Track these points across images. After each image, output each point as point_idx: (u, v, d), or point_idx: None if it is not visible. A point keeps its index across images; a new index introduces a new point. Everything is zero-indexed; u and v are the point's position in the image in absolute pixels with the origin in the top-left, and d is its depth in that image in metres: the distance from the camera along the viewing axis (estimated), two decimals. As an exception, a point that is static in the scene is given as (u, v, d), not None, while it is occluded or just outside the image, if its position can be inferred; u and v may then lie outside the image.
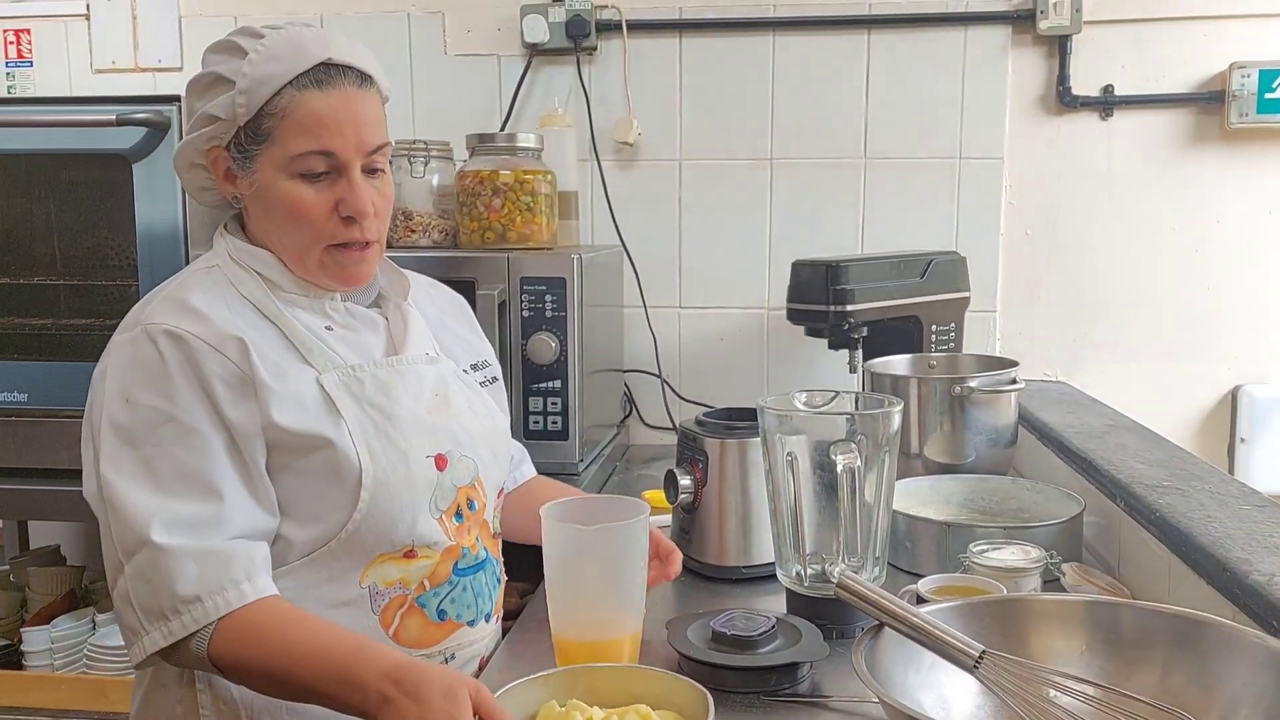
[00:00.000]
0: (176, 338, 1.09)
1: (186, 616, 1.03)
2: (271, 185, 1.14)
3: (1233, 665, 0.91)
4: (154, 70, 2.43)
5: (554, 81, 2.29)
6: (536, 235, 1.89)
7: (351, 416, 1.14)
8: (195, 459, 1.07)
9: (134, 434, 1.07)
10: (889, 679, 0.92)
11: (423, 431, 1.20)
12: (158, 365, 1.08)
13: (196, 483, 1.06)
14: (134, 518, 1.04)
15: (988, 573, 1.29)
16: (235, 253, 1.20)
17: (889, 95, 2.23)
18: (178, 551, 1.03)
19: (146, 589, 1.03)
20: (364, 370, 1.18)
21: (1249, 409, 2.20)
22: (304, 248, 1.17)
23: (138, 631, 1.04)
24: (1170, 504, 1.28)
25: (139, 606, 1.04)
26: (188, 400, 1.07)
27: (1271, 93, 2.11)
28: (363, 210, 1.15)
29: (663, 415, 2.32)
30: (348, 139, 1.13)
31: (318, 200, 1.14)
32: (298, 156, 1.13)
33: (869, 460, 1.28)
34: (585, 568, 1.13)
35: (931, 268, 2.00)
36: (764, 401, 1.33)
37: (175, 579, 1.02)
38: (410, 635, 1.18)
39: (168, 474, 1.06)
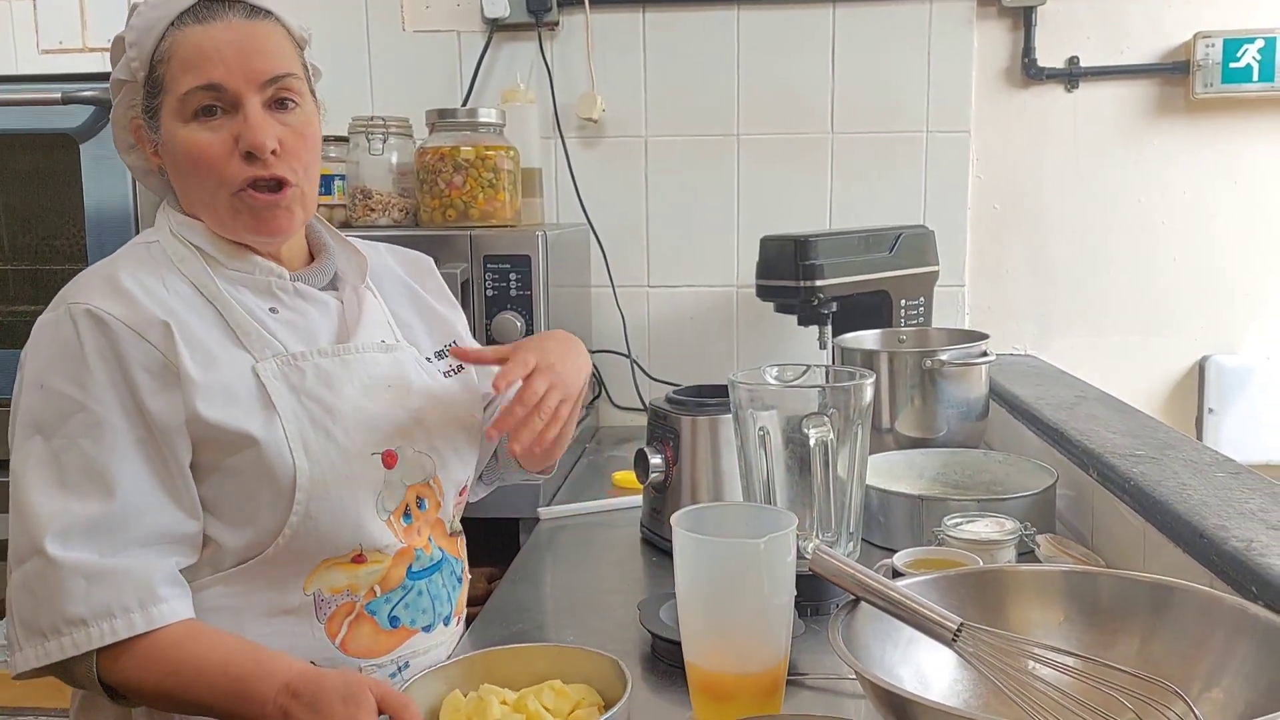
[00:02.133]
0: (97, 319, 1.01)
1: (67, 640, 0.95)
2: (171, 135, 1.07)
3: (1213, 632, 0.90)
4: (103, 50, 2.36)
5: (515, 57, 2.24)
6: (500, 213, 1.85)
7: (287, 409, 1.06)
8: (103, 453, 0.99)
9: (44, 423, 1.00)
10: (866, 654, 0.90)
11: (368, 426, 1.10)
12: (75, 350, 1.00)
13: (100, 480, 0.99)
14: (30, 521, 0.97)
15: (962, 545, 1.28)
16: (175, 226, 1.12)
17: (855, 69, 2.20)
18: (69, 567, 0.95)
19: (29, 602, 0.96)
20: (306, 359, 1.09)
21: (1216, 379, 2.21)
22: (210, 195, 1.08)
23: (15, 645, 0.98)
24: (1144, 473, 1.27)
25: (19, 619, 0.97)
26: (102, 389, 1.00)
27: (1236, 62, 2.11)
28: (258, 143, 1.04)
29: (632, 396, 2.29)
30: (233, 69, 1.04)
31: (214, 140, 1.05)
32: (185, 95, 1.04)
33: (841, 434, 1.26)
34: (751, 586, 0.93)
35: (900, 242, 1.99)
36: (735, 376, 1.31)
37: (62, 597, 0.95)
38: (360, 645, 1.10)
39: (73, 469, 0.98)
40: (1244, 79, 2.12)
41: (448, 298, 1.34)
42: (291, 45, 1.11)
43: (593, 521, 1.67)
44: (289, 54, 1.10)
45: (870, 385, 1.28)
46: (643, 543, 1.56)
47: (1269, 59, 2.10)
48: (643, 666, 1.15)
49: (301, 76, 1.11)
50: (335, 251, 1.21)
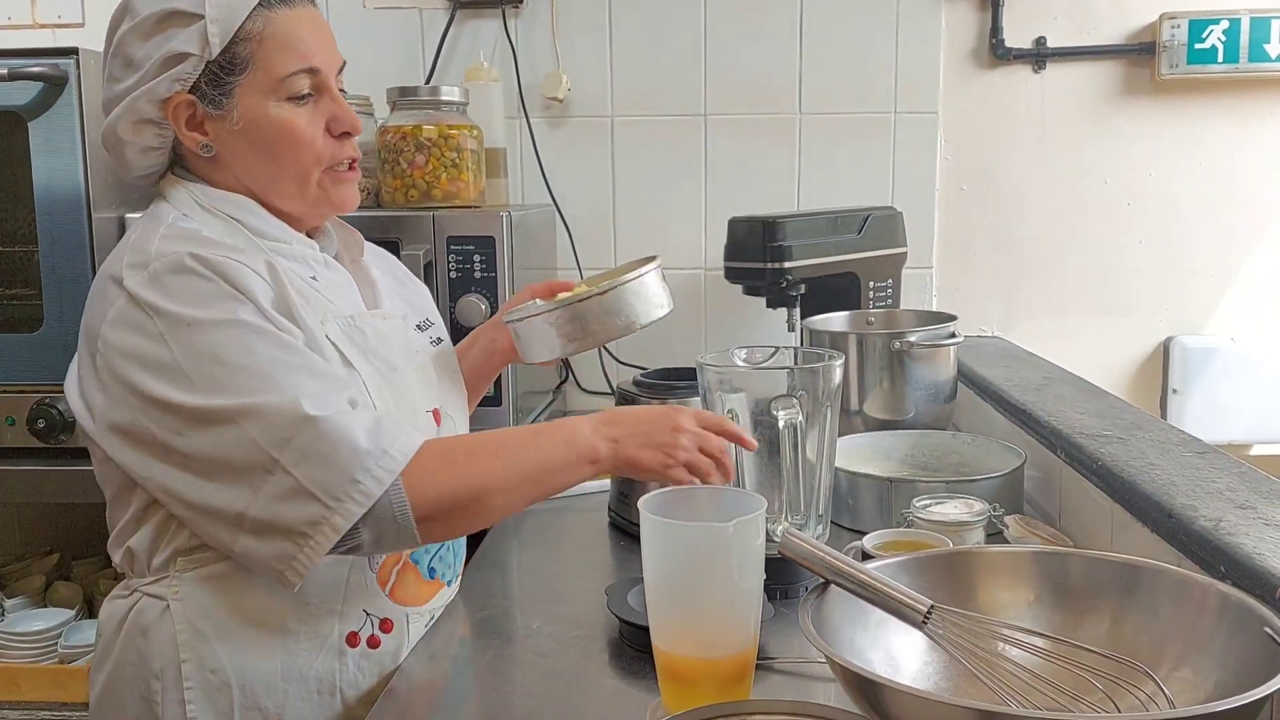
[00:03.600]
0: (205, 259, 1.01)
1: (377, 469, 0.97)
2: (261, 115, 1.07)
3: (1182, 611, 0.90)
4: (54, 26, 2.30)
5: (479, 35, 2.20)
6: (463, 193, 1.82)
7: (362, 368, 1.09)
8: (297, 357, 1.00)
9: (216, 352, 0.98)
10: (836, 638, 0.89)
11: (420, 385, 1.17)
12: (202, 287, 1.00)
13: (311, 373, 1.00)
14: (273, 408, 0.96)
15: (931, 527, 1.27)
16: (207, 201, 1.10)
17: (823, 49, 2.19)
18: (341, 415, 0.97)
19: (319, 464, 0.96)
20: (361, 320, 1.13)
21: (1181, 360, 2.22)
22: (303, 174, 1.11)
23: (318, 519, 0.96)
24: (1112, 453, 1.27)
25: (316, 488, 0.96)
26: (252, 309, 1.01)
27: (1201, 43, 2.12)
28: (356, 124, 1.12)
29: (600, 379, 2.27)
30: (324, 56, 1.10)
31: (311, 121, 1.10)
32: (286, 78, 1.07)
33: (810, 417, 1.25)
34: (720, 571, 0.91)
35: (868, 223, 1.98)
36: (703, 359, 1.29)
37: (351, 438, 0.96)
38: (405, 593, 1.15)
39: (279, 372, 0.98)
40: (1209, 60, 2.12)
41: (418, 283, 1.38)
42: None
43: (559, 506, 1.65)
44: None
45: (839, 367, 1.27)
46: (610, 527, 1.54)
47: (1234, 40, 2.11)
48: (610, 652, 1.14)
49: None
50: (331, 230, 1.22)
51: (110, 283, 1.03)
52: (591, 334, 1.19)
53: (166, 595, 1.06)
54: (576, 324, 1.18)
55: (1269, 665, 0.77)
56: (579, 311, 1.18)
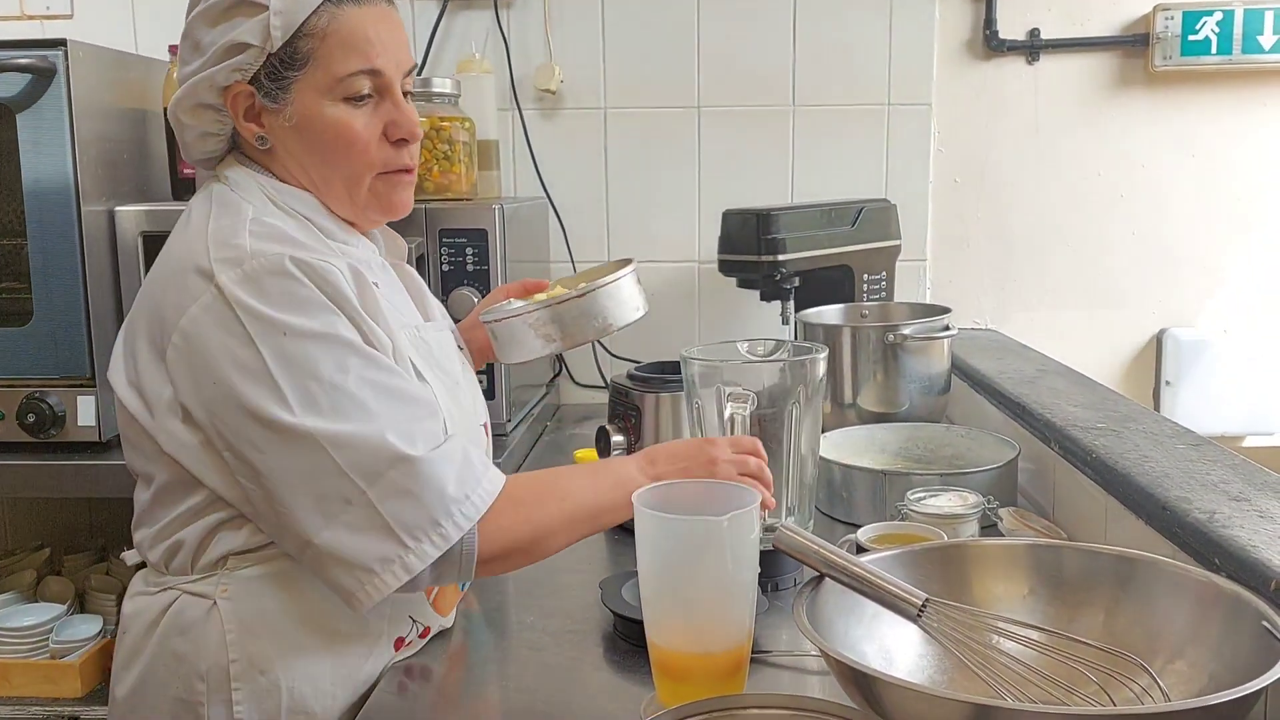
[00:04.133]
0: (306, 264, 0.98)
1: (459, 516, 0.97)
2: (316, 113, 1.04)
3: (1177, 604, 0.90)
4: (42, 18, 2.28)
5: (471, 27, 2.19)
6: (455, 185, 1.81)
7: (432, 380, 1.07)
8: (388, 378, 0.99)
9: (313, 368, 0.96)
10: (830, 631, 0.88)
11: (474, 397, 1.17)
12: (303, 293, 0.97)
13: (402, 400, 0.99)
14: (365, 440, 0.95)
15: (926, 520, 1.27)
16: (276, 195, 1.07)
17: (816, 41, 2.18)
18: (432, 458, 0.97)
19: (409, 503, 0.96)
20: (424, 331, 1.12)
21: (1174, 352, 2.22)
22: (355, 178, 1.07)
23: (392, 556, 0.96)
24: (1106, 445, 1.27)
25: (398, 526, 0.95)
26: (345, 324, 0.99)
27: (1195, 35, 2.12)
28: (415, 132, 1.09)
29: (593, 373, 2.26)
30: (391, 57, 1.06)
31: (368, 124, 1.06)
32: (346, 78, 1.04)
33: (800, 410, 1.25)
34: (714, 564, 0.92)
35: (862, 216, 1.97)
36: (687, 352, 1.28)
37: (442, 483, 0.97)
38: (443, 602, 1.15)
39: (370, 397, 0.97)
40: (1202, 51, 2.12)
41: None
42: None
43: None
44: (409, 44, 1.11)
45: (823, 360, 1.26)
46: (604, 520, 1.54)
47: (1227, 31, 2.11)
48: (604, 646, 1.13)
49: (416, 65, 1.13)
50: (375, 234, 1.20)
51: (194, 274, 0.99)
52: (569, 335, 1.19)
53: (213, 594, 1.04)
54: (554, 325, 1.19)
55: (1264, 658, 0.76)
56: (557, 313, 1.19)
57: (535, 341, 1.20)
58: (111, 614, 1.88)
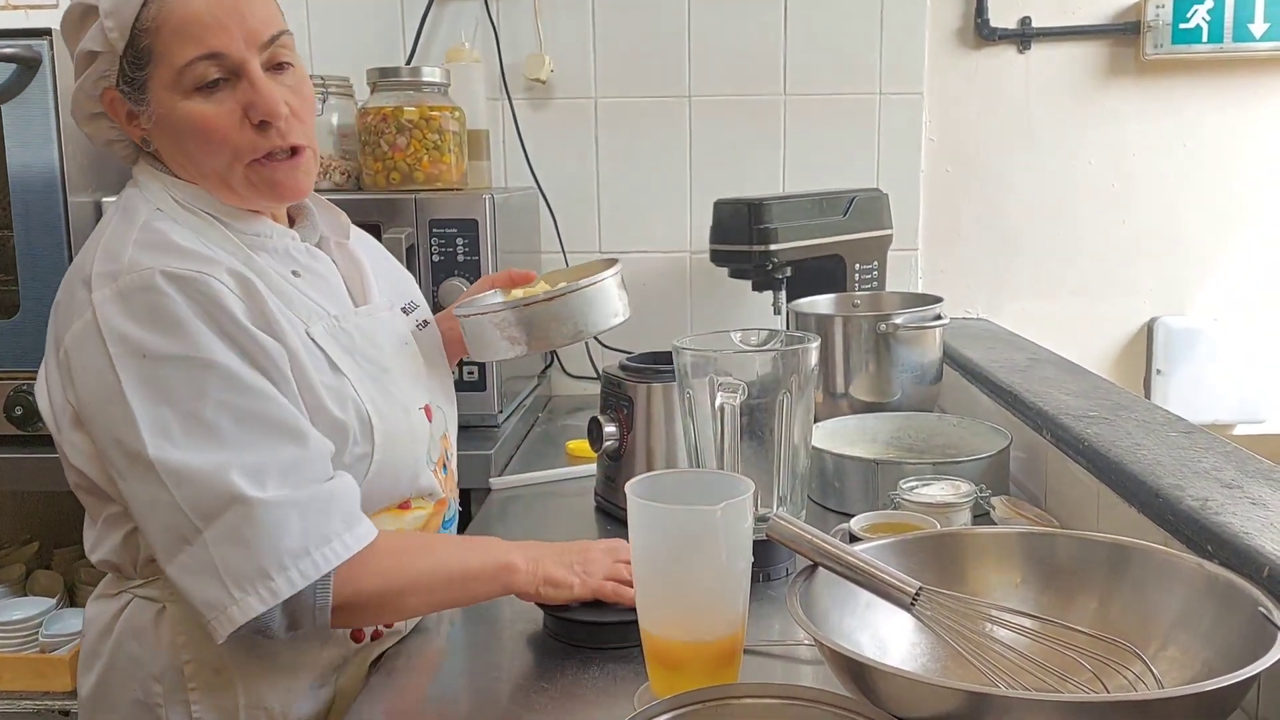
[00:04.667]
0: (177, 277, 0.95)
1: (294, 572, 0.92)
2: (170, 110, 1.01)
3: (1170, 591, 0.90)
4: (26, 7, 2.26)
5: (460, 16, 2.18)
6: (445, 175, 1.80)
7: (350, 371, 1.05)
8: (252, 401, 0.95)
9: (168, 392, 0.93)
10: (824, 620, 0.88)
11: (410, 382, 1.14)
12: (170, 310, 0.94)
13: (265, 427, 0.95)
14: (207, 477, 0.91)
15: (918, 509, 1.27)
16: (177, 194, 1.05)
17: (807, 30, 2.17)
18: (276, 504, 0.92)
19: (238, 551, 0.91)
20: (346, 320, 1.08)
21: (1165, 340, 2.23)
22: (224, 170, 1.03)
23: (218, 604, 0.92)
24: (1098, 433, 1.27)
25: (226, 573, 0.91)
26: (214, 342, 0.95)
27: (1186, 23, 2.11)
28: (274, 110, 1.01)
29: (585, 364, 2.26)
30: (233, 34, 0.99)
31: (222, 112, 1.00)
32: (185, 67, 0.99)
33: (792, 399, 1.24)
34: (707, 554, 0.91)
35: (854, 205, 1.97)
36: (679, 342, 1.27)
37: (278, 534, 0.91)
38: None
39: (227, 425, 0.93)
40: (1194, 39, 2.12)
41: (399, 264, 1.35)
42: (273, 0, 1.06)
43: (546, 491, 1.65)
44: (275, 9, 1.06)
45: (815, 349, 1.25)
46: (597, 511, 1.53)
47: (1218, 19, 2.11)
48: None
49: (291, 32, 1.06)
50: (313, 211, 1.17)
51: (80, 285, 0.98)
52: (537, 339, 1.15)
53: (161, 596, 1.04)
54: (521, 328, 1.14)
55: (1257, 644, 0.76)
56: (525, 315, 1.14)
57: (501, 343, 1.15)
58: (101, 608, 1.87)
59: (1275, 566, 0.85)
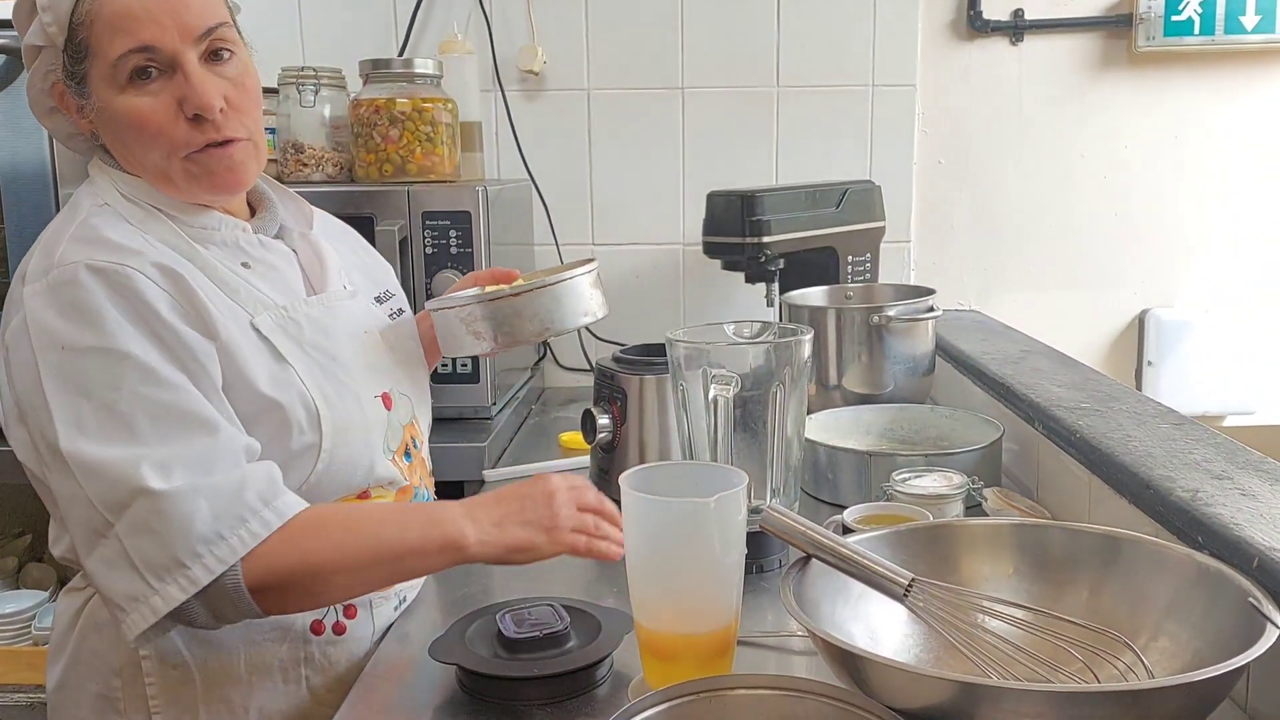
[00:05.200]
0: (102, 271, 0.95)
1: (210, 559, 0.91)
2: (108, 104, 1.01)
3: (1160, 582, 0.90)
4: (15, -2, 2.24)
5: (453, 7, 2.17)
6: (438, 167, 1.80)
7: (297, 362, 1.04)
8: (167, 394, 0.94)
9: (84, 384, 0.93)
10: (817, 611, 0.89)
11: (366, 370, 1.12)
12: (90, 303, 0.94)
13: (178, 420, 0.94)
14: (116, 470, 0.91)
15: (911, 500, 1.27)
16: (124, 188, 1.05)
17: (800, 21, 2.17)
18: (183, 493, 0.91)
19: (150, 541, 0.90)
20: (296, 310, 1.08)
21: (1156, 332, 2.23)
22: (162, 163, 1.03)
23: (139, 596, 0.91)
24: (1090, 425, 1.27)
25: (142, 564, 0.91)
26: (131, 336, 0.94)
27: (1178, 15, 2.12)
28: (206, 104, 1.00)
29: (578, 356, 2.26)
30: (165, 26, 0.98)
31: (157, 105, 1.00)
32: (118, 61, 0.98)
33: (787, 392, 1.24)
34: (701, 546, 0.91)
35: (846, 197, 1.97)
36: (672, 334, 1.27)
37: (188, 521, 0.90)
38: None
39: (141, 418, 0.93)
40: (1185, 32, 2.12)
41: (375, 253, 1.34)
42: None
43: (539, 483, 1.64)
44: (215, 1, 1.04)
45: (808, 341, 1.26)
46: (590, 503, 1.53)
47: (1210, 12, 2.11)
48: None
49: (232, 23, 1.06)
50: (275, 201, 1.17)
51: (18, 282, 0.99)
52: (504, 335, 1.14)
53: None
54: (487, 323, 1.14)
55: (1246, 634, 0.77)
56: (491, 311, 1.14)
57: (466, 338, 1.15)
58: (94, 601, 1.87)
59: (1265, 557, 0.86)
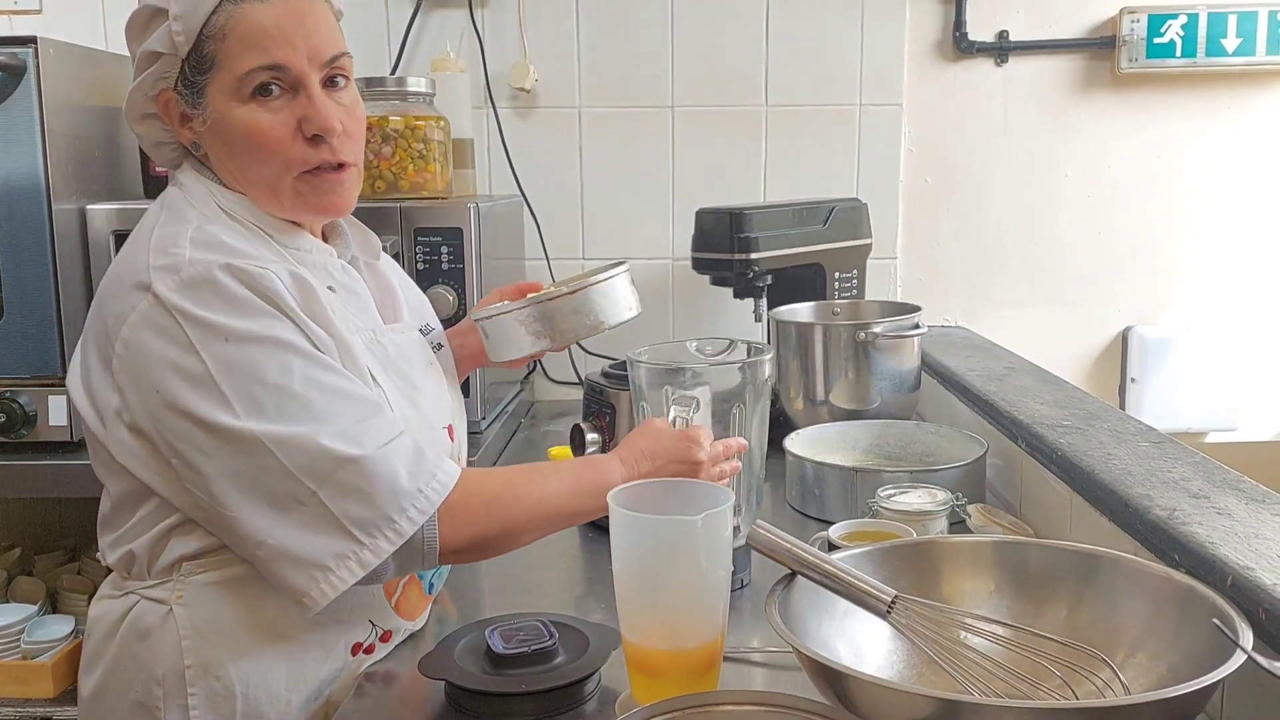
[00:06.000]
0: (240, 270, 0.98)
1: (413, 510, 0.98)
2: (226, 115, 1.03)
3: (1138, 599, 0.92)
4: (11, 13, 2.25)
5: (445, 25, 2.19)
6: (430, 184, 1.81)
7: (385, 384, 1.07)
8: (329, 376, 0.99)
9: (255, 371, 0.96)
10: (802, 628, 0.90)
11: (435, 401, 1.16)
12: (243, 296, 0.97)
13: (347, 398, 0.99)
14: (312, 441, 0.96)
15: (896, 517, 1.29)
16: (225, 203, 1.06)
17: (789, 41, 2.20)
18: (380, 456, 0.97)
19: (360, 501, 0.97)
20: (381, 334, 1.11)
21: (1139, 349, 2.26)
22: (274, 179, 1.05)
23: (347, 553, 0.97)
24: (1071, 443, 1.29)
25: (352, 522, 0.96)
26: (287, 324, 0.99)
27: (1160, 38, 2.15)
28: (328, 125, 1.04)
29: (568, 370, 2.27)
30: (297, 49, 1.02)
31: (277, 122, 1.03)
32: (246, 75, 1.01)
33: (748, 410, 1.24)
34: (687, 563, 0.92)
35: (833, 215, 1.99)
36: (633, 354, 1.26)
37: (393, 479, 0.97)
38: (407, 606, 1.15)
39: (316, 397, 0.97)
40: (1167, 54, 2.16)
41: (415, 286, 1.37)
42: (336, 22, 1.09)
43: (528, 497, 1.65)
44: (338, 31, 1.09)
45: (770, 361, 1.26)
46: (579, 518, 1.55)
47: (1191, 35, 2.15)
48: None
49: (350, 54, 1.09)
50: (346, 230, 1.19)
51: (130, 287, 0.99)
52: (560, 333, 1.21)
53: (169, 599, 1.04)
54: (545, 322, 1.20)
55: (1221, 651, 0.79)
56: (548, 310, 1.20)
57: (525, 338, 1.21)
58: (83, 614, 1.86)
59: (1239, 576, 0.88)
